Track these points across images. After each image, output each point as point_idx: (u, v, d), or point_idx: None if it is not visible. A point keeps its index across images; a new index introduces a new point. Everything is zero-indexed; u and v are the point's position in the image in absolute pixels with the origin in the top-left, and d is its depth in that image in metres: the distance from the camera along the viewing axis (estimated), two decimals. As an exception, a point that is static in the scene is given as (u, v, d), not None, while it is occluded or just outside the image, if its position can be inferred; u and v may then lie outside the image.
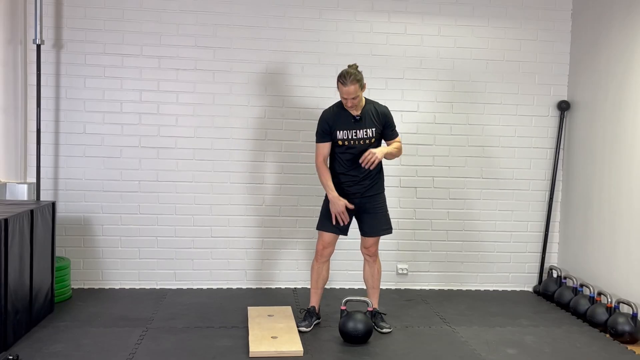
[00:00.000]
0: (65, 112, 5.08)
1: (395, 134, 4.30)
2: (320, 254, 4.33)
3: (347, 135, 4.15)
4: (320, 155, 4.20)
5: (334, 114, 4.19)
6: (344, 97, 4.05)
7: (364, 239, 4.35)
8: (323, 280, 4.40)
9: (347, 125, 4.15)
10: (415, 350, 4.00)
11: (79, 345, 3.88)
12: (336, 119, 4.16)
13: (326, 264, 4.38)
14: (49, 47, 5.01)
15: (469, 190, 5.45)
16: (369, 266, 4.42)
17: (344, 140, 4.15)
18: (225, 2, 5.16)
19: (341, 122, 4.15)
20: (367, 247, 4.35)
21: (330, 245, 4.32)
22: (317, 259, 4.36)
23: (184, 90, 5.17)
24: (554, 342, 4.22)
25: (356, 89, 4.00)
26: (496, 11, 5.38)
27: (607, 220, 4.85)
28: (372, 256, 4.38)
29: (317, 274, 4.37)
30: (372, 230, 4.30)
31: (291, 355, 3.81)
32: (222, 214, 5.25)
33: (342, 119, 4.15)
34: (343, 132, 4.14)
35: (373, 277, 4.42)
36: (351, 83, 3.97)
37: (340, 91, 4.05)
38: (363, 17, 5.27)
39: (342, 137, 4.15)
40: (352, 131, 4.14)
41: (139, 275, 5.21)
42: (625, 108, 4.67)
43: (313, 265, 4.39)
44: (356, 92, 4.01)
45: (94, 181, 5.13)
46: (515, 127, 5.45)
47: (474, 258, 5.49)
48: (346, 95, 4.02)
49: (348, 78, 3.97)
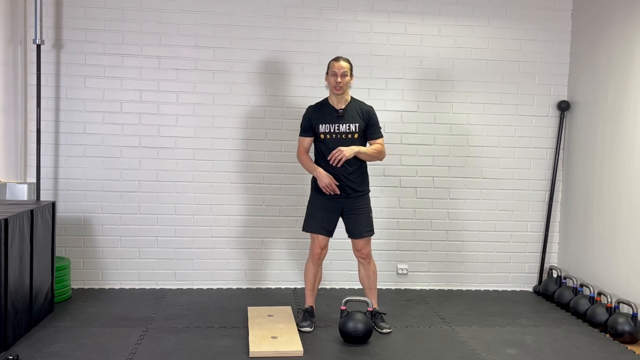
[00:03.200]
0: (65, 112, 5.08)
1: (377, 135, 4.30)
2: (317, 256, 4.34)
3: (329, 129, 4.22)
4: (301, 147, 4.35)
5: (317, 108, 4.33)
6: (334, 71, 4.18)
7: (354, 241, 4.36)
8: (319, 281, 4.45)
9: (330, 119, 4.23)
10: (415, 350, 4.00)
11: (79, 345, 3.88)
12: (319, 113, 4.28)
13: (321, 265, 4.41)
14: (49, 47, 5.01)
15: (469, 190, 5.45)
16: (364, 268, 4.42)
17: (325, 133, 4.23)
18: (225, 2, 5.16)
19: (324, 116, 4.25)
20: (359, 249, 4.35)
21: (326, 246, 4.35)
22: (313, 262, 4.36)
23: (184, 90, 5.17)
24: (554, 342, 4.22)
25: (347, 67, 4.19)
26: (496, 11, 5.38)
27: (607, 220, 4.85)
28: (365, 258, 4.38)
29: (313, 275, 4.39)
30: (355, 231, 4.31)
31: (291, 355, 3.81)
32: (222, 214, 5.25)
33: (325, 113, 4.26)
34: (325, 126, 4.23)
35: (369, 278, 4.42)
36: (343, 60, 4.22)
37: (331, 67, 4.21)
38: (363, 17, 5.27)
39: (324, 130, 4.23)
40: (335, 125, 4.22)
41: (139, 275, 5.21)
42: (625, 108, 4.67)
43: (308, 268, 4.39)
44: (347, 69, 4.17)
45: (94, 181, 5.13)
46: (515, 127, 5.45)
47: (474, 258, 5.49)
48: (337, 69, 4.16)
49: (340, 56, 4.28)
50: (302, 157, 4.35)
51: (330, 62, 4.24)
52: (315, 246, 4.32)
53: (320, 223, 4.28)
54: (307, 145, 4.34)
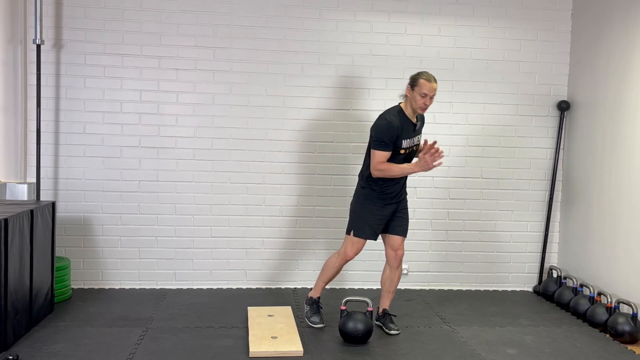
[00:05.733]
0: (65, 112, 5.08)
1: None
2: (349, 259, 4.31)
3: (409, 144, 4.13)
4: (381, 163, 4.04)
5: (401, 124, 4.05)
6: (425, 92, 3.97)
7: (393, 239, 4.29)
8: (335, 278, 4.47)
9: (409, 134, 4.11)
10: (415, 350, 4.00)
11: (79, 345, 3.88)
12: (403, 129, 4.07)
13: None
14: (49, 47, 5.01)
15: (469, 190, 5.45)
16: (391, 271, 4.36)
17: (406, 149, 4.12)
18: (225, 2, 5.16)
19: (406, 131, 4.09)
20: (396, 248, 4.30)
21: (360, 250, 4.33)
22: (341, 261, 4.33)
23: (184, 90, 5.17)
24: (554, 342, 4.22)
25: (436, 89, 4.03)
26: (496, 11, 5.38)
27: (607, 220, 4.85)
28: (398, 260, 4.31)
29: (335, 272, 4.38)
30: (401, 229, 4.29)
31: (291, 355, 3.81)
32: (222, 214, 5.25)
33: (406, 128, 4.09)
34: (406, 141, 4.10)
35: (392, 282, 4.38)
36: (434, 81, 4.01)
37: (422, 87, 3.97)
38: (363, 17, 5.27)
39: (405, 145, 4.11)
40: (411, 139, 4.14)
41: (139, 275, 5.21)
42: (625, 108, 4.67)
43: (333, 264, 4.36)
44: (436, 91, 4.04)
45: (94, 181, 5.13)
46: (515, 127, 5.45)
47: (474, 258, 5.50)
48: (429, 91, 3.98)
49: (432, 76, 4.02)
50: (384, 166, 4.03)
51: (421, 80, 3.97)
52: (354, 250, 4.27)
53: (374, 229, 4.23)
54: (387, 161, 4.06)
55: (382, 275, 4.43)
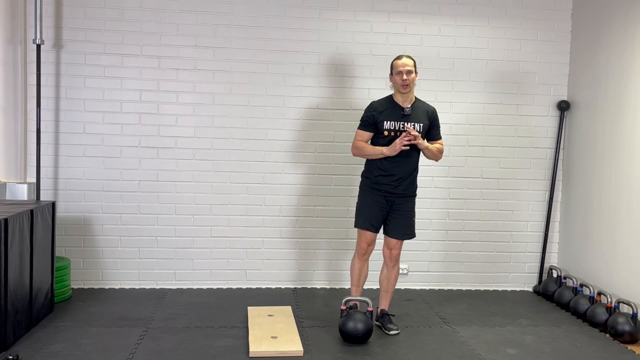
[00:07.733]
0: (65, 112, 5.08)
1: (439, 136, 4.31)
2: (363, 251, 4.32)
3: (394, 126, 4.13)
4: (359, 140, 4.21)
5: (383, 104, 4.20)
6: (398, 70, 4.08)
7: (388, 239, 4.32)
8: (364, 277, 4.41)
9: (396, 117, 4.14)
10: (415, 350, 4.00)
11: (79, 345, 3.88)
12: (385, 109, 4.16)
13: (367, 261, 4.39)
14: (49, 47, 5.01)
15: (469, 190, 5.45)
16: (387, 270, 4.38)
17: (390, 130, 4.14)
18: (225, 2, 5.16)
19: (390, 113, 4.15)
20: (391, 248, 4.32)
21: (373, 242, 4.32)
22: (359, 257, 4.35)
23: (184, 90, 5.17)
24: (554, 342, 4.22)
25: (411, 64, 4.10)
26: (496, 11, 5.38)
27: (607, 220, 4.85)
28: (393, 260, 4.34)
29: (359, 270, 4.37)
30: (395, 232, 4.28)
31: (291, 355, 3.81)
32: (222, 214, 5.25)
33: (391, 110, 4.16)
34: (390, 123, 4.14)
35: (389, 281, 4.39)
36: (406, 57, 4.13)
37: (395, 67, 4.11)
38: (363, 17, 5.27)
39: (389, 127, 4.13)
40: (400, 123, 4.13)
41: (139, 275, 5.21)
42: (625, 108, 4.67)
43: (354, 264, 4.38)
44: (411, 66, 4.09)
45: (94, 181, 5.13)
46: (515, 127, 5.45)
47: (474, 258, 5.50)
48: (401, 67, 4.07)
49: (403, 55, 4.17)
50: (359, 144, 4.20)
51: (393, 61, 4.15)
52: (362, 241, 4.30)
53: (368, 219, 4.24)
54: (365, 140, 4.21)
55: (380, 274, 4.45)
